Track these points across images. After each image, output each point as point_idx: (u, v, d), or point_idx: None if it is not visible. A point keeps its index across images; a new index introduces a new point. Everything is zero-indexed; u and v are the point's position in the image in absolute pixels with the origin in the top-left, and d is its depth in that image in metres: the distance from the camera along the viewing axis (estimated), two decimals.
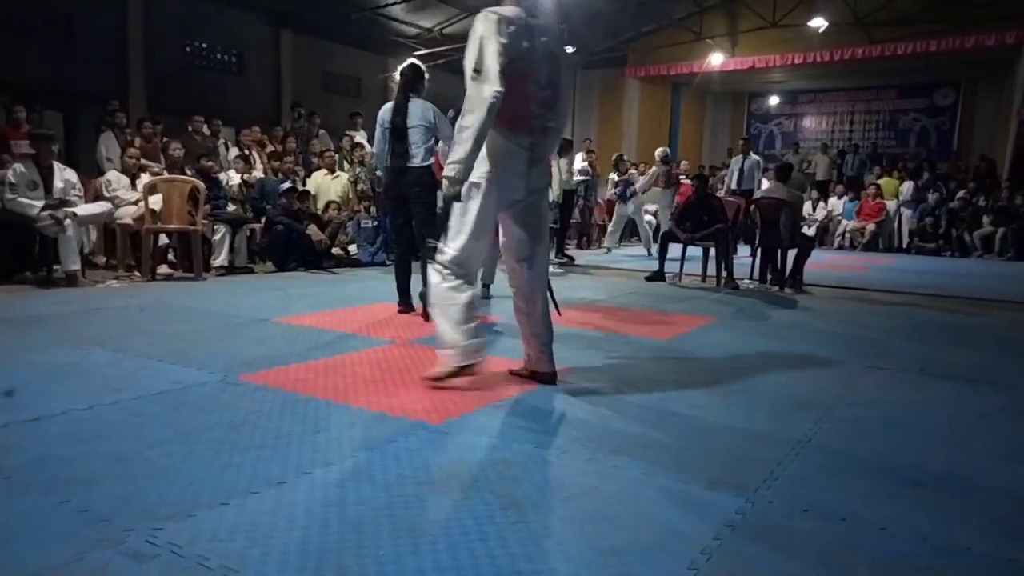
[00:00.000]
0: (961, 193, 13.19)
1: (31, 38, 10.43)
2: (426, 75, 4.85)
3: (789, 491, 2.07)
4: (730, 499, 2.00)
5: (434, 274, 3.00)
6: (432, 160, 4.76)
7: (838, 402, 3.06)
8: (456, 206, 2.88)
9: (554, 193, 8.63)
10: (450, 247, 2.95)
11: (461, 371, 2.98)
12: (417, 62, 4.87)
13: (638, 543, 1.73)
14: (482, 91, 2.70)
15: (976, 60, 14.69)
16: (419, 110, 4.70)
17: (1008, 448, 2.56)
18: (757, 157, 11.28)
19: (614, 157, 11.56)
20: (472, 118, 2.72)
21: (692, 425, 2.68)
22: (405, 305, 4.97)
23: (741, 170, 10.85)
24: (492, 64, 2.70)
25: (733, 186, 10.92)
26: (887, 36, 13.83)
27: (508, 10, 2.85)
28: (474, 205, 2.90)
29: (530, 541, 1.72)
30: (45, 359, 3.36)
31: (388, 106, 4.85)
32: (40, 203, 5.80)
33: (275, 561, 1.60)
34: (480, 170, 2.87)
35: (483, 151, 2.82)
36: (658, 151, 11.08)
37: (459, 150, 2.74)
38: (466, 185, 2.83)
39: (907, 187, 13.61)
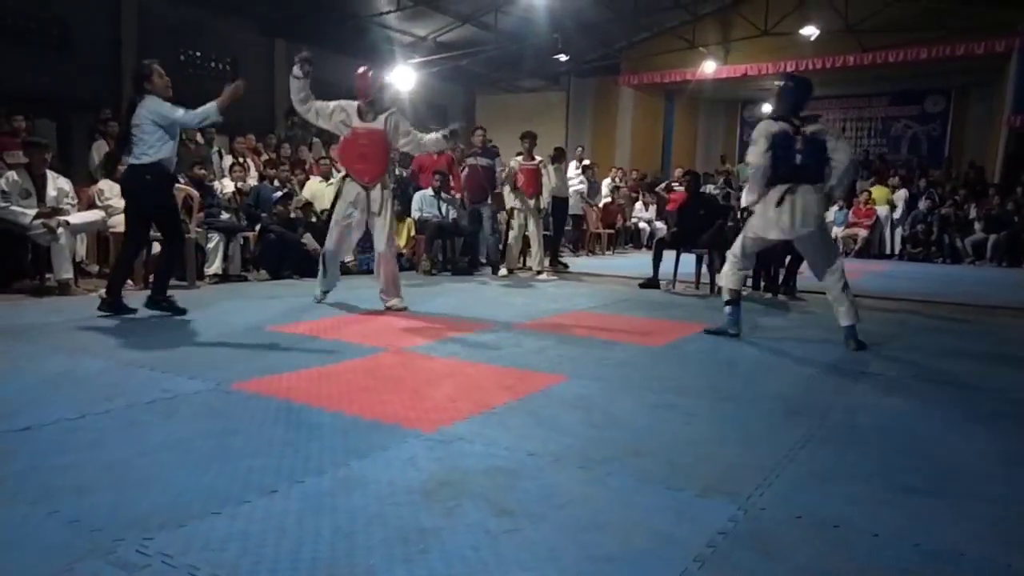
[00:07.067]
0: (952, 200, 13.26)
1: (24, 45, 10.41)
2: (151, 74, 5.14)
3: (782, 498, 2.07)
4: (723, 506, 2.00)
5: None
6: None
7: (831, 408, 3.06)
8: None
9: (544, 201, 8.66)
10: None
11: None
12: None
13: (631, 551, 1.73)
14: None
15: (966, 68, 14.80)
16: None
17: (1000, 453, 2.56)
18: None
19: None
20: None
21: (685, 432, 2.68)
22: None
23: None
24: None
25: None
26: (878, 44, 13.94)
27: None
28: None
29: (523, 549, 1.72)
30: (37, 368, 3.34)
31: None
32: (32, 211, 5.79)
33: (266, 570, 1.59)
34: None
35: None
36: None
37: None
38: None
39: (900, 196, 13.65)
